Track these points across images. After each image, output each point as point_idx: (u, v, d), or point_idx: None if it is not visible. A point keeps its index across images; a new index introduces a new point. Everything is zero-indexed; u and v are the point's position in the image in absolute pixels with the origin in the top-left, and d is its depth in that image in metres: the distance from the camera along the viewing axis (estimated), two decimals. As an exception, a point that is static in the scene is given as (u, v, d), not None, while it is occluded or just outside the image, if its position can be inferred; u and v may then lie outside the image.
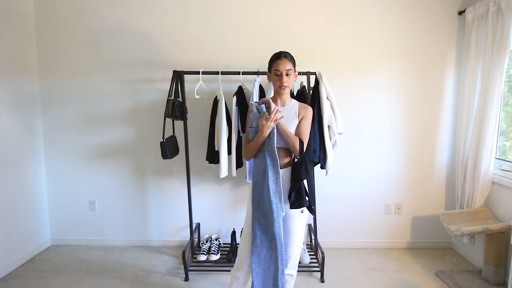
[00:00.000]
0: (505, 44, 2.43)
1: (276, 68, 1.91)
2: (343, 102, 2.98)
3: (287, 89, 1.94)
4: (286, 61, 1.91)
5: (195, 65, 2.94)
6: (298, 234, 1.96)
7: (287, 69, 1.90)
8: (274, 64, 1.93)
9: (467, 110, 2.81)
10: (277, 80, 1.93)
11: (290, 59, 1.94)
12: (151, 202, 3.19)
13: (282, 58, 1.92)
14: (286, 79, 1.91)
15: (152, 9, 2.98)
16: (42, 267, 2.80)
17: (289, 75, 1.92)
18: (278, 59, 1.92)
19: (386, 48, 2.99)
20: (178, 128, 2.87)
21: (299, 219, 1.95)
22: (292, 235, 1.95)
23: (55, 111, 3.10)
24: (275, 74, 1.93)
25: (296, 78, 2.03)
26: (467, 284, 2.50)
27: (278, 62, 1.91)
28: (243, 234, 2.00)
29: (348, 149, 3.07)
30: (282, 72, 1.90)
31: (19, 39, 2.86)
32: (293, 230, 1.95)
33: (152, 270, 2.78)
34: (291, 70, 1.92)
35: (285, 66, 1.90)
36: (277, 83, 1.93)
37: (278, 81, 1.92)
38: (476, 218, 2.66)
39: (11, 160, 2.76)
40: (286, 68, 1.90)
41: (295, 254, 1.98)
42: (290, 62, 1.93)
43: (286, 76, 1.91)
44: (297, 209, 1.90)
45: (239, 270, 1.99)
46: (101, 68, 3.05)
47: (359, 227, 3.18)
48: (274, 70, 1.93)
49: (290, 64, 1.92)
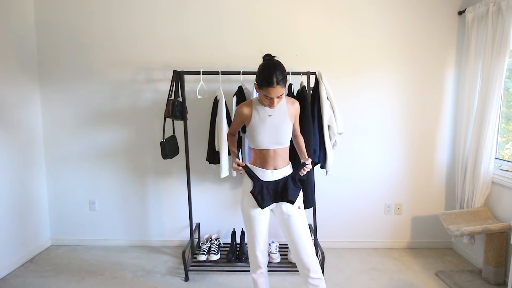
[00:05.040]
0: (505, 44, 2.43)
1: (267, 94, 1.74)
2: (343, 102, 2.98)
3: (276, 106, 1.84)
4: (279, 88, 1.72)
5: (195, 65, 2.94)
6: (305, 233, 1.91)
7: (279, 95, 1.76)
8: (265, 90, 1.74)
9: (467, 110, 2.81)
10: (267, 101, 1.78)
11: (283, 83, 1.74)
12: (151, 202, 3.19)
13: (275, 86, 1.71)
14: (277, 101, 1.78)
15: (152, 9, 2.98)
16: (42, 267, 2.80)
17: (281, 96, 1.77)
18: (269, 86, 1.71)
19: (386, 48, 2.99)
20: (178, 128, 2.87)
21: (300, 216, 1.91)
22: (302, 236, 1.89)
23: (55, 111, 3.10)
24: (265, 96, 1.77)
25: None
26: (467, 284, 2.50)
27: (270, 90, 1.72)
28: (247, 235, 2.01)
29: (348, 149, 3.06)
30: (273, 98, 1.76)
31: (19, 39, 2.86)
32: (299, 230, 1.89)
33: (152, 270, 2.78)
34: (283, 94, 1.78)
35: (277, 93, 1.74)
36: (267, 103, 1.80)
37: (267, 102, 1.79)
38: (476, 218, 2.66)
39: (11, 160, 2.76)
40: (278, 95, 1.75)
41: (313, 255, 1.91)
42: (283, 87, 1.75)
43: (277, 98, 1.77)
44: (294, 206, 1.88)
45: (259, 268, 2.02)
46: (101, 68, 3.05)
47: (359, 227, 3.18)
48: (263, 96, 1.77)
49: (283, 89, 1.75)
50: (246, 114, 1.89)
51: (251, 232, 1.97)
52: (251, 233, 1.97)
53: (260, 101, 1.87)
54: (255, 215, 1.93)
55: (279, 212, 1.94)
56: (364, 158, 3.11)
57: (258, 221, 1.94)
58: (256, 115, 1.88)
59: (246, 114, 1.89)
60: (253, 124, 1.88)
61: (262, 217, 1.94)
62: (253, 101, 1.93)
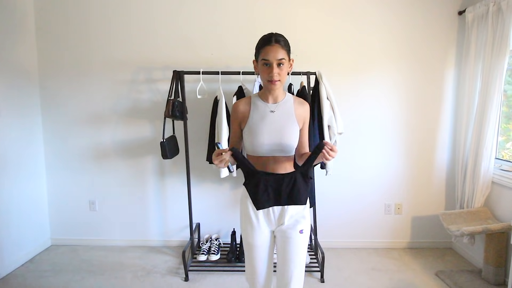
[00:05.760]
0: (505, 44, 2.43)
1: (265, 57, 1.47)
2: (343, 102, 2.98)
3: (279, 84, 1.51)
4: (278, 48, 1.46)
5: (195, 65, 2.94)
6: (299, 262, 1.57)
7: (279, 59, 1.46)
8: (262, 51, 1.49)
9: (467, 110, 2.81)
10: (265, 72, 1.49)
11: (284, 45, 1.49)
12: (151, 202, 3.19)
13: (273, 43, 1.46)
14: (277, 71, 1.48)
15: (152, 9, 2.98)
16: (42, 267, 2.80)
17: (282, 65, 1.48)
18: (267, 44, 1.47)
19: (387, 48, 2.99)
20: (178, 128, 2.87)
21: (301, 241, 1.56)
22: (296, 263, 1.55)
23: (55, 111, 3.10)
24: (263, 64, 1.49)
25: (291, 69, 1.57)
26: (467, 284, 2.50)
27: (267, 49, 1.47)
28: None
29: (348, 149, 3.06)
30: (272, 62, 1.46)
31: (19, 39, 2.86)
32: (294, 257, 1.55)
33: (152, 270, 2.78)
34: (284, 59, 1.47)
35: (277, 55, 1.46)
36: (266, 76, 1.49)
37: (267, 73, 1.49)
38: (476, 218, 2.66)
39: (11, 160, 2.76)
40: (278, 58, 1.46)
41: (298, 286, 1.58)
42: (283, 49, 1.48)
43: (277, 67, 1.47)
44: (296, 228, 1.55)
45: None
46: (101, 68, 3.05)
47: (359, 227, 3.18)
48: (262, 60, 1.49)
49: (283, 51, 1.48)
50: (243, 111, 1.59)
51: (249, 262, 1.62)
52: (249, 264, 1.63)
53: (261, 95, 1.61)
54: (254, 242, 1.57)
55: (278, 230, 1.59)
56: (364, 158, 3.11)
57: (257, 250, 1.58)
58: (255, 112, 1.58)
59: (243, 111, 1.59)
60: (252, 123, 1.56)
61: (263, 244, 1.58)
62: (252, 96, 1.64)
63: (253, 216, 1.57)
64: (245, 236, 1.61)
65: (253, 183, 1.50)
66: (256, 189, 1.49)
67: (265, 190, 1.49)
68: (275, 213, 1.56)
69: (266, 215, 1.57)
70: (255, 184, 1.50)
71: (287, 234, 1.55)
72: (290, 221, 1.56)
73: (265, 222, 1.58)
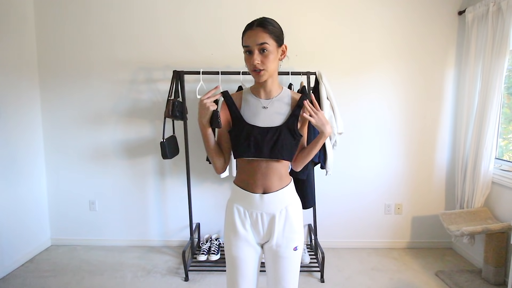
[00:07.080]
0: (505, 44, 2.43)
1: (245, 43, 1.29)
2: (343, 102, 2.98)
3: (265, 74, 1.30)
4: (259, 31, 1.26)
5: (195, 65, 2.94)
6: (292, 281, 1.42)
7: (260, 43, 1.26)
8: (243, 38, 1.31)
9: (467, 110, 2.81)
10: (248, 61, 1.30)
11: (267, 28, 1.27)
12: (151, 202, 3.19)
13: (254, 28, 1.27)
14: (260, 58, 1.27)
15: (152, 9, 2.98)
16: (42, 267, 2.80)
17: (266, 51, 1.27)
18: (248, 29, 1.29)
19: (386, 48, 3.00)
20: (178, 128, 2.87)
21: (294, 260, 1.41)
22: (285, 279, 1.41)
23: (55, 111, 3.10)
24: (245, 52, 1.31)
25: (283, 57, 1.37)
26: (467, 284, 2.50)
27: (248, 34, 1.28)
28: None
29: (348, 149, 3.06)
30: (252, 48, 1.27)
31: (19, 39, 2.86)
32: (287, 276, 1.41)
33: (152, 270, 2.78)
34: (266, 44, 1.26)
35: (257, 39, 1.26)
36: (249, 65, 1.31)
37: (249, 62, 1.30)
38: (476, 218, 2.66)
39: (11, 160, 2.76)
40: (258, 42, 1.26)
41: None
42: (266, 32, 1.26)
43: (259, 53, 1.27)
44: (290, 246, 1.39)
45: None
46: (101, 68, 3.05)
47: (359, 227, 3.18)
48: (243, 48, 1.31)
49: (266, 35, 1.26)
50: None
51: (230, 279, 1.42)
52: (230, 282, 1.43)
53: (253, 89, 1.43)
54: (237, 254, 1.39)
55: (268, 248, 1.42)
56: (364, 158, 3.11)
57: (241, 264, 1.39)
58: (246, 108, 1.40)
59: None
60: None
61: (248, 258, 1.40)
62: (244, 91, 1.45)
63: (238, 224, 1.39)
64: (228, 247, 1.41)
65: (236, 130, 1.37)
66: (238, 136, 1.35)
67: (246, 138, 1.33)
68: (264, 223, 1.38)
69: (253, 224, 1.39)
70: (238, 130, 1.36)
71: (279, 254, 1.39)
72: (282, 240, 1.39)
73: (251, 232, 1.40)
